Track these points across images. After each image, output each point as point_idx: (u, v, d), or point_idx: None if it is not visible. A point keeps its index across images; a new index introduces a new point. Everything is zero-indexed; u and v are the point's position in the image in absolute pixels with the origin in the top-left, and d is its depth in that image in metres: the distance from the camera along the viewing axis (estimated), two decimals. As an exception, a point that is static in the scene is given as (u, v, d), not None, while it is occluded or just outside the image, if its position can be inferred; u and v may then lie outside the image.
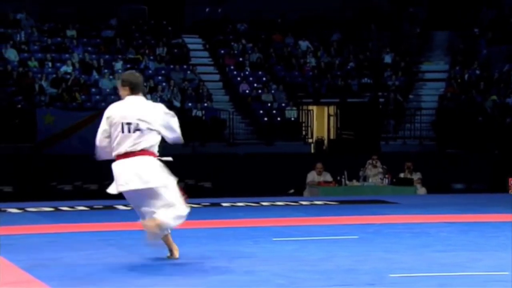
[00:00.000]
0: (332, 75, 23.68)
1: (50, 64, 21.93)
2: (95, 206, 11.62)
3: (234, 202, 12.38)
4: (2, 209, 11.36)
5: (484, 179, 18.68)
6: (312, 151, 22.16)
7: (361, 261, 6.85)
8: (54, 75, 21.37)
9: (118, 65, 22.36)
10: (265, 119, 21.72)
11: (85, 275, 6.26)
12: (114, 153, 6.61)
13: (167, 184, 6.55)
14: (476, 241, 8.24)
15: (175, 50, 23.76)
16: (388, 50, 24.78)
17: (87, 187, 17.05)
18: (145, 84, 20.89)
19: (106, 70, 22.06)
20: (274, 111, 21.94)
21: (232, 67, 23.58)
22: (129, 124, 6.54)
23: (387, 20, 26.13)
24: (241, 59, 23.87)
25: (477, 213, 10.90)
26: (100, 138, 6.68)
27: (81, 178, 17.39)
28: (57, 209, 11.38)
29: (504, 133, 20.95)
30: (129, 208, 8.67)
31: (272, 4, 25.53)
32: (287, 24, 25.71)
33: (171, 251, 6.93)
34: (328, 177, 15.95)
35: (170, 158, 6.66)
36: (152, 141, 6.59)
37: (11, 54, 21.89)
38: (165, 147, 6.82)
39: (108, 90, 21.48)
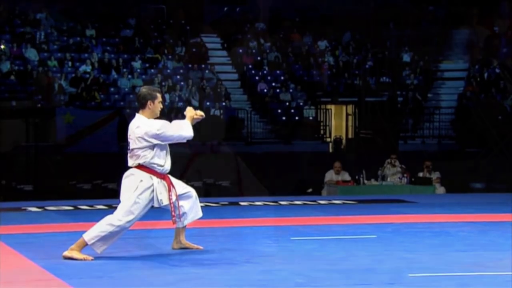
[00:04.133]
0: (350, 74, 23.61)
1: (69, 63, 22.04)
2: (114, 205, 11.61)
3: (253, 201, 12.38)
4: (22, 207, 11.44)
5: (504, 178, 18.52)
6: (330, 150, 22.10)
7: (380, 260, 6.83)
8: (73, 75, 21.48)
9: (137, 64, 22.44)
10: (283, 118, 21.68)
11: (104, 273, 6.29)
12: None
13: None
14: (496, 241, 8.18)
15: (194, 49, 23.79)
16: (407, 48, 24.66)
17: (106, 186, 17.10)
18: (163, 83, 21.00)
19: (124, 70, 22.14)
20: (292, 110, 21.91)
21: (250, 66, 23.57)
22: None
23: (406, 19, 26.00)
24: (259, 58, 23.86)
25: (497, 213, 10.82)
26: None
27: (101, 177, 17.45)
28: (76, 208, 11.43)
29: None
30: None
31: (290, 3, 25.50)
32: (305, 23, 25.66)
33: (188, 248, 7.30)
34: (346, 176, 15.90)
35: None
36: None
37: (31, 54, 22.03)
38: (182, 145, 6.93)
39: (126, 89, 21.55)
